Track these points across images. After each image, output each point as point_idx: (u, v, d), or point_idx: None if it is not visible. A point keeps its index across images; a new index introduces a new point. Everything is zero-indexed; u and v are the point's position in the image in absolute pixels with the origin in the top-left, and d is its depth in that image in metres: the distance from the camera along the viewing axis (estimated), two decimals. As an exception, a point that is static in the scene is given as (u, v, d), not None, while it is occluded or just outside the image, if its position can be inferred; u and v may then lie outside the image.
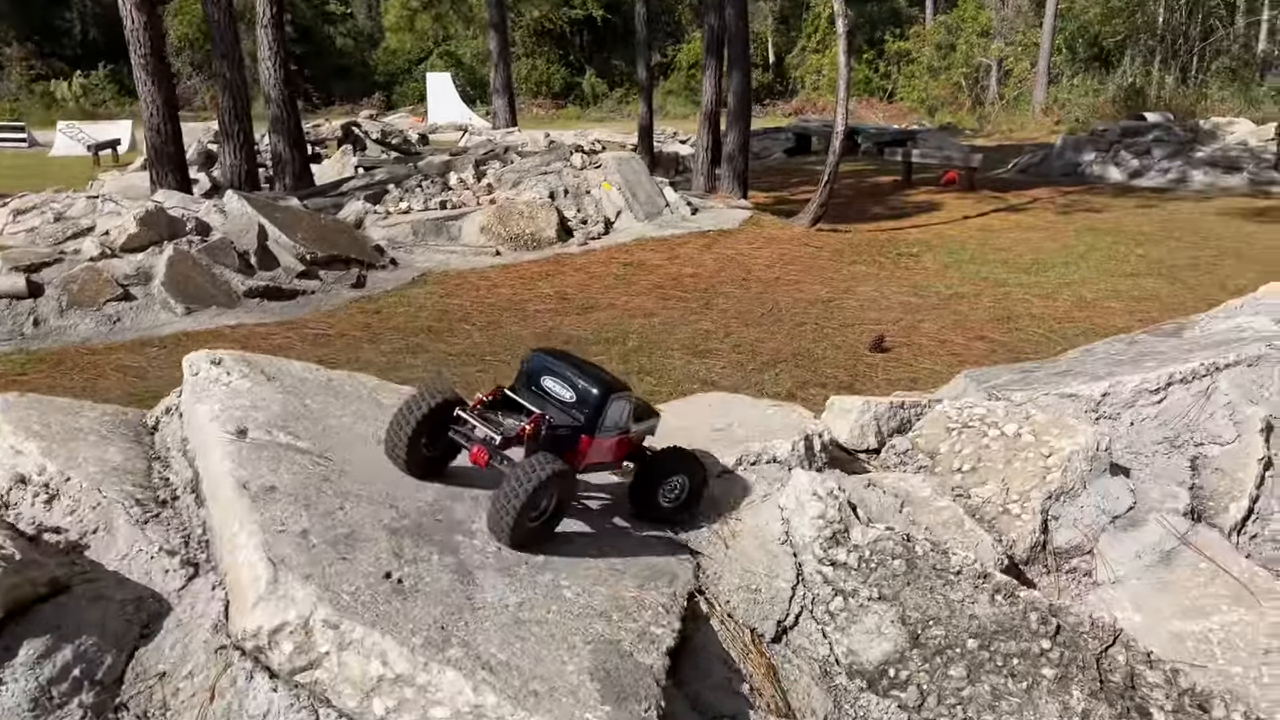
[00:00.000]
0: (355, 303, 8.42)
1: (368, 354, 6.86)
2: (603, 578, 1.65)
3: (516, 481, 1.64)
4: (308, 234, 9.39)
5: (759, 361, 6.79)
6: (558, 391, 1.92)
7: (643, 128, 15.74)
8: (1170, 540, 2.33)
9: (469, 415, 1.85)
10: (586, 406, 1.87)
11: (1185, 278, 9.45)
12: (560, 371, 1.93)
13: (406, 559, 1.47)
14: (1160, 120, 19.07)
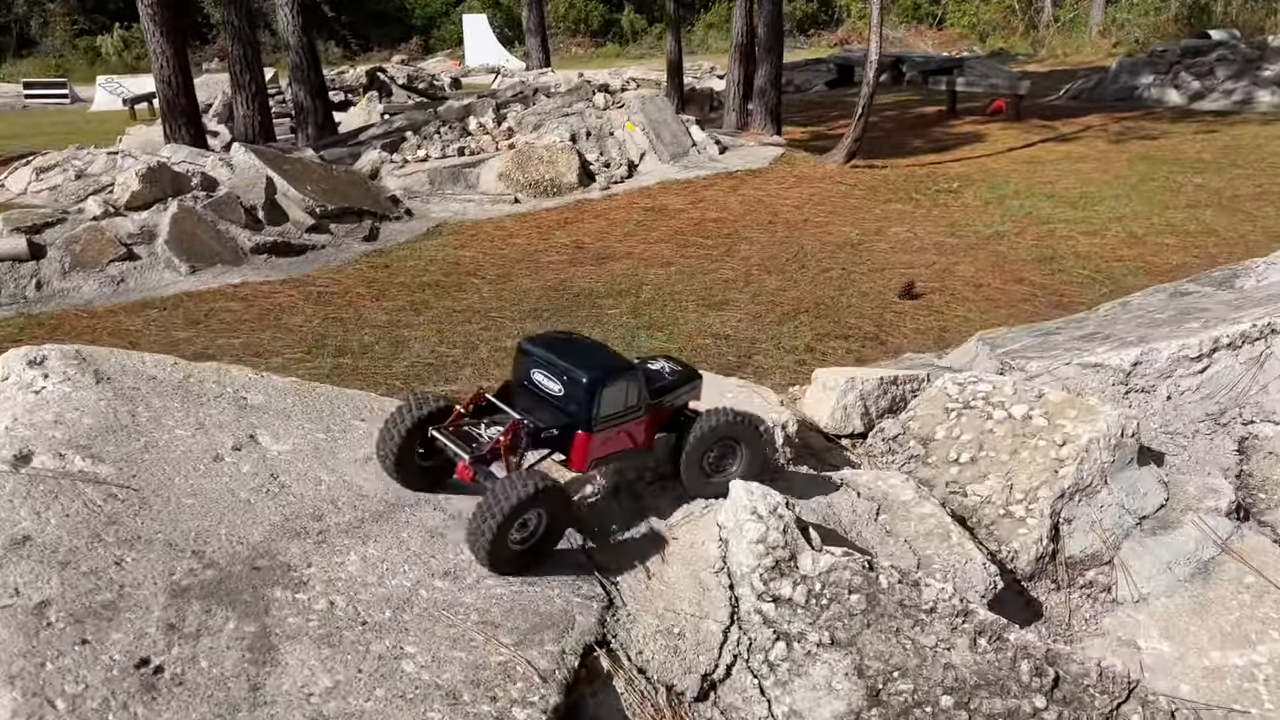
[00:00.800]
0: (365, 257, 8.14)
1: (370, 312, 6.58)
2: (466, 637, 1.32)
3: (493, 500, 1.46)
4: (318, 186, 9.10)
5: (778, 313, 6.38)
6: (547, 386, 1.70)
7: (671, 64, 15.10)
8: (1209, 547, 1.94)
9: (441, 434, 1.64)
10: (576, 400, 1.64)
11: (1248, 209, 8.77)
12: (548, 363, 1.70)
13: (185, 632, 1.15)
14: (1225, 38, 17.91)
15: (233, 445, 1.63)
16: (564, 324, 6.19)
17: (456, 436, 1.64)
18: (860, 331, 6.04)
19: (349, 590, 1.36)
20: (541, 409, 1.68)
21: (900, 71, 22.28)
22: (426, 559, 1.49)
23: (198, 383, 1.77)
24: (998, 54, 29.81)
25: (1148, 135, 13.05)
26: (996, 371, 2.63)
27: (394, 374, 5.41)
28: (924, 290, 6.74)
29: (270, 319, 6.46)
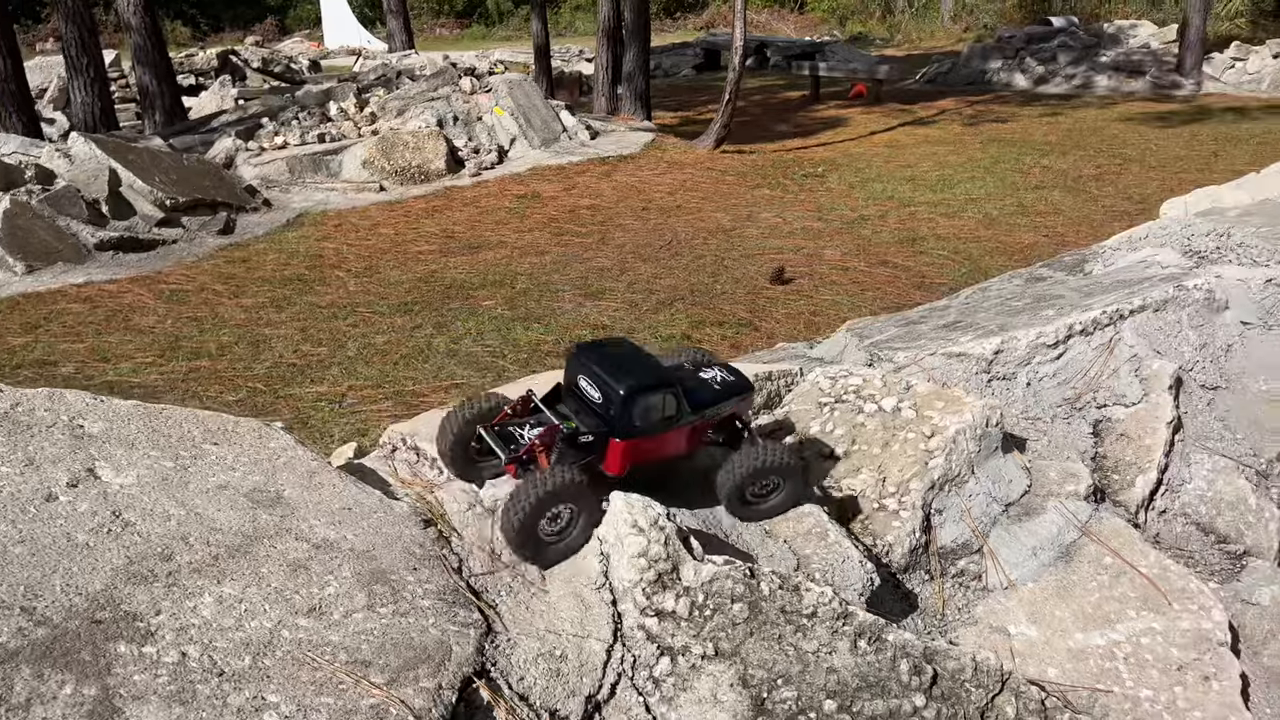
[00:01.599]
0: (222, 251, 7.76)
1: (227, 310, 6.27)
2: (334, 680, 1.24)
3: (523, 491, 1.57)
4: (168, 177, 8.61)
5: (654, 301, 6.39)
6: (590, 393, 1.77)
7: (538, 47, 14.93)
8: (1071, 531, 2.02)
9: (486, 432, 1.76)
10: (611, 407, 1.71)
11: (1090, 189, 9.27)
12: (592, 370, 1.76)
13: (12, 704, 1.04)
14: (1065, 25, 18.88)
15: (68, 482, 1.50)
16: (436, 317, 6.05)
17: (499, 436, 1.75)
18: (735, 318, 6.10)
19: (203, 638, 1.26)
20: (585, 414, 1.76)
21: (765, 56, 22.65)
22: (289, 596, 1.40)
23: (26, 411, 1.62)
24: (857, 38, 30.68)
25: (998, 119, 13.65)
26: (865, 363, 2.67)
27: (255, 376, 5.17)
28: (794, 275, 6.86)
29: (118, 320, 6.08)
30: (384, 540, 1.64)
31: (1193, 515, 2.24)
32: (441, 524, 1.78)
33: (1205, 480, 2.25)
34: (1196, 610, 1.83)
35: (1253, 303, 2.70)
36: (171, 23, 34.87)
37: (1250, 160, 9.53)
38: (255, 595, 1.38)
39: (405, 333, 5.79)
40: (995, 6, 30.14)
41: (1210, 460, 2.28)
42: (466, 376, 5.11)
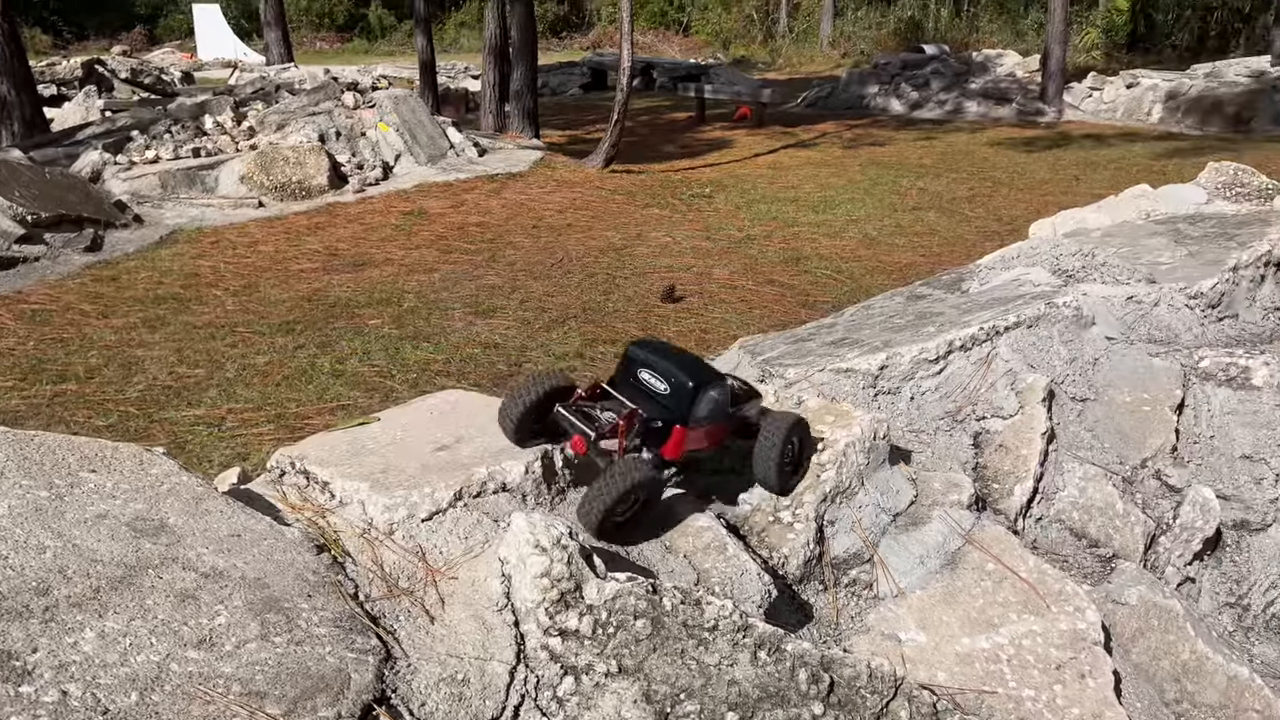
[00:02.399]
0: (89, 269, 7.39)
1: (96, 331, 5.97)
2: (227, 713, 1.19)
3: (610, 480, 1.73)
4: (29, 191, 8.16)
5: (547, 319, 6.37)
6: (653, 384, 1.96)
7: (424, 63, 14.76)
8: (955, 539, 2.10)
9: (566, 410, 1.92)
10: (679, 398, 1.91)
11: (963, 210, 9.69)
12: (655, 364, 1.97)
13: (-127, 759, 0.97)
14: (937, 52, 19.74)
15: (-71, 515, 1.41)
16: (320, 337, 5.89)
17: (577, 416, 1.91)
18: (627, 335, 6.12)
19: (85, 675, 1.20)
20: (646, 403, 1.93)
21: (651, 77, 22.94)
22: (177, 627, 1.34)
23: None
24: (740, 61, 31.39)
25: (876, 142, 14.15)
26: (758, 379, 2.73)
27: (127, 399, 4.94)
28: (684, 293, 6.95)
29: (-26, 343, 5.72)
30: (276, 567, 1.59)
31: (1067, 521, 2.35)
32: (335, 549, 1.73)
33: (1077, 488, 2.37)
34: (1072, 612, 1.93)
35: (1116, 318, 2.87)
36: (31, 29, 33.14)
37: (1109, 184, 10.12)
38: (141, 628, 1.31)
39: (287, 353, 5.62)
40: (871, 34, 31.32)
41: (1081, 468, 2.41)
42: (353, 397, 4.99)
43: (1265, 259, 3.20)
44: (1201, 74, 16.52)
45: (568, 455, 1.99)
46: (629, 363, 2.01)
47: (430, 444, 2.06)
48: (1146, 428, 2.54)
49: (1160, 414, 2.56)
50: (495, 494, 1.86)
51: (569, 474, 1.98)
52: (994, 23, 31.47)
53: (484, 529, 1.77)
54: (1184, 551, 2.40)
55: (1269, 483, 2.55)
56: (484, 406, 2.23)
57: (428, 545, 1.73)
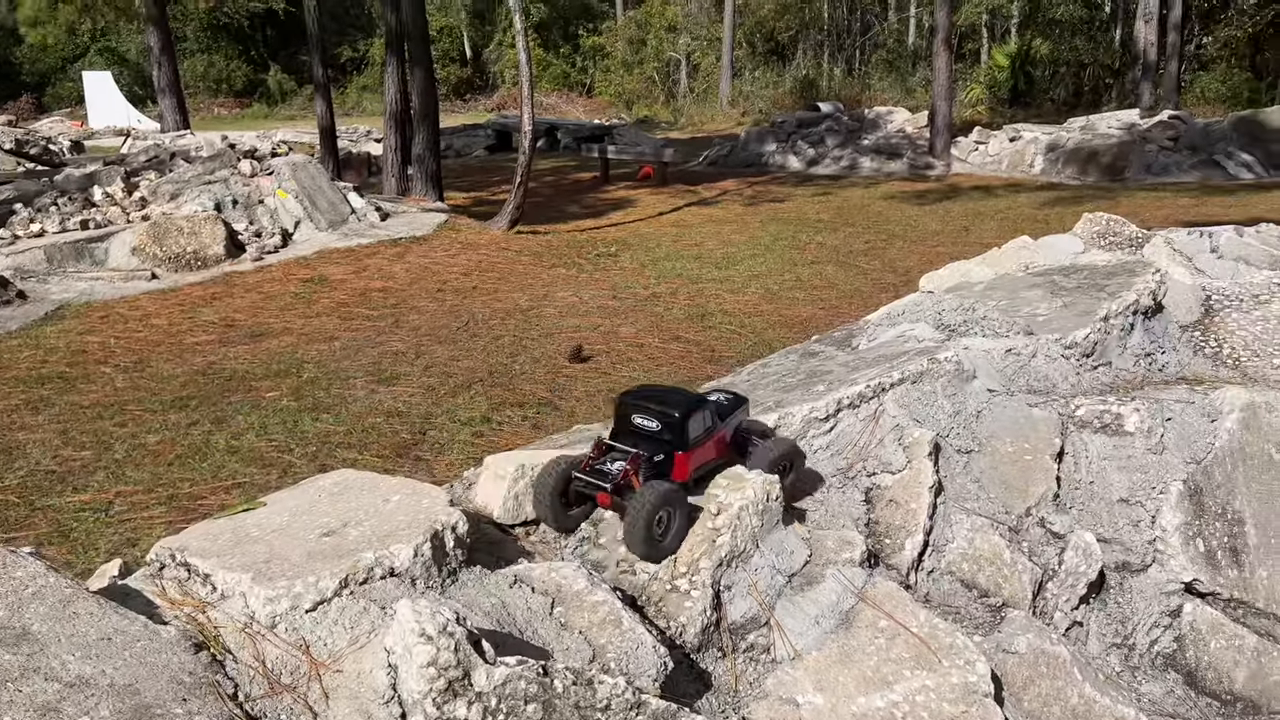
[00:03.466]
0: (-33, 349, 7.05)
1: (-26, 415, 5.68)
2: (87, 839, 1.13)
3: (634, 511, 2.02)
4: (-99, 269, 7.79)
5: (452, 384, 6.31)
6: (646, 425, 2.24)
7: (324, 129, 14.66)
8: (849, 597, 2.13)
9: (580, 476, 2.18)
10: (672, 430, 2.20)
11: (860, 263, 9.98)
12: (643, 407, 2.25)
13: None
14: (832, 110, 20.44)
15: None
16: (215, 412, 5.72)
17: (592, 476, 2.16)
18: (535, 398, 6.11)
19: (-73, 807, 1.12)
20: (646, 443, 2.21)
21: (556, 138, 23.21)
22: (35, 746, 1.27)
23: None
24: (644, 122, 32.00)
25: (776, 199, 14.52)
26: (657, 443, 2.75)
27: (6, 487, 4.70)
28: (592, 353, 6.97)
29: None
30: (149, 671, 1.52)
31: (957, 573, 2.41)
32: (215, 646, 1.67)
33: (966, 539, 2.44)
34: (963, 665, 1.97)
35: (996, 371, 2.98)
36: (-93, 98, 31.92)
37: (997, 233, 10.57)
38: (-8, 751, 1.24)
39: (180, 430, 5.44)
40: (769, 93, 32.33)
41: (969, 520, 2.47)
42: (249, 474, 4.84)
43: (1133, 308, 3.37)
44: (1077, 127, 17.46)
45: (459, 534, 1.96)
46: (621, 412, 2.29)
47: (318, 529, 2.00)
48: (1029, 477, 2.63)
49: (1041, 462, 2.65)
50: (383, 580, 1.82)
51: (460, 554, 1.95)
52: (884, 80, 32.84)
53: (371, 617, 1.73)
54: (1070, 596, 2.48)
55: (1145, 524, 2.66)
56: (375, 486, 2.19)
57: (312, 637, 1.68)
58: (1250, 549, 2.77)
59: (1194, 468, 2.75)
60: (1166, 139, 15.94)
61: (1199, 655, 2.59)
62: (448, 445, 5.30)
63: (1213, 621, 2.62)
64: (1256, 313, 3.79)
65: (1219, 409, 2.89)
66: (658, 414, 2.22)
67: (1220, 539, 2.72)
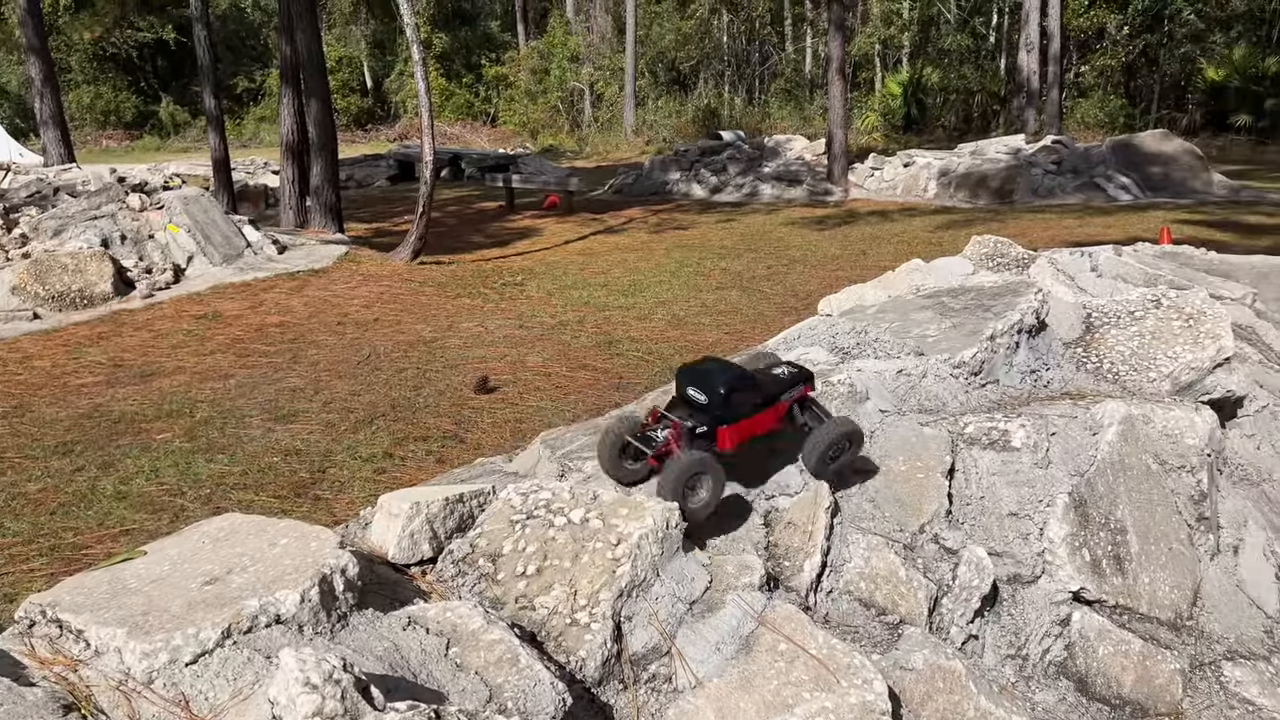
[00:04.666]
0: None
1: None
2: None
3: (665, 473, 2.24)
4: None
5: (353, 419, 6.17)
6: (697, 397, 2.41)
7: (217, 161, 14.30)
8: (749, 622, 2.13)
9: (633, 440, 2.40)
10: (716, 404, 2.37)
11: (763, 288, 10.14)
12: (695, 380, 2.43)
13: None
14: (734, 139, 20.81)
15: None
16: (101, 456, 5.48)
17: (642, 440, 2.40)
18: (440, 431, 6.01)
19: None
20: (697, 412, 2.41)
21: (460, 168, 23.07)
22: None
23: None
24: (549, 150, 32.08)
25: (680, 226, 14.68)
26: (558, 474, 2.73)
27: None
28: (499, 383, 6.90)
29: None
30: None
31: (855, 592, 2.44)
32: (86, 707, 1.58)
33: (862, 558, 2.48)
34: (861, 684, 1.99)
35: (889, 391, 3.05)
36: None
37: (893, 256, 10.87)
38: None
39: (64, 477, 5.19)
40: (672, 121, 32.77)
41: (865, 539, 2.51)
42: (139, 521, 4.64)
43: (1018, 326, 3.49)
44: (968, 152, 18.13)
45: (349, 577, 1.91)
46: (680, 384, 2.48)
47: (200, 577, 1.92)
48: (922, 494, 2.69)
49: (933, 480, 2.72)
50: (268, 628, 1.76)
51: (351, 597, 1.90)
52: (784, 109, 33.62)
53: (255, 668, 1.66)
54: (965, 610, 2.54)
55: (1034, 537, 2.74)
56: (263, 530, 2.12)
57: (192, 692, 1.61)
58: (1133, 556, 2.88)
59: (1078, 480, 2.85)
60: (1050, 163, 16.67)
61: (1088, 662, 2.68)
62: (348, 483, 5.17)
63: (1100, 628, 2.71)
64: (1133, 328, 3.97)
65: (1100, 422, 3.02)
66: (705, 388, 2.40)
67: (1105, 548, 2.83)
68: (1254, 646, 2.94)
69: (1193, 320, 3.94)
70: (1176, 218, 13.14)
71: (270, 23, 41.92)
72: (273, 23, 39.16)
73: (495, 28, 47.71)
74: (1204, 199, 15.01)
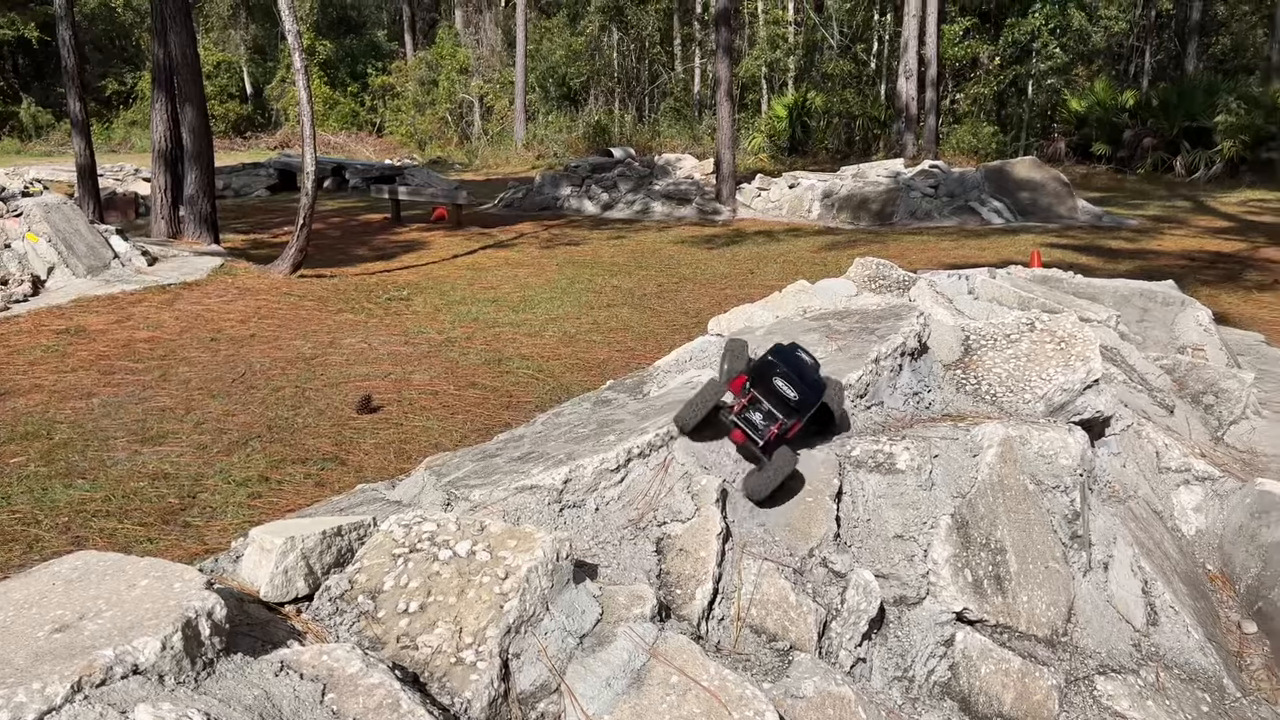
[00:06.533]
0: None
1: None
2: None
3: (776, 465, 2.51)
4: None
5: (226, 441, 5.90)
6: (785, 391, 2.57)
7: (82, 167, 13.56)
8: (640, 655, 2.09)
9: (734, 419, 2.60)
10: (805, 407, 2.59)
11: (654, 305, 10.18)
12: (788, 375, 2.59)
13: None
14: (624, 155, 20.90)
15: None
16: (-53, 484, 5.08)
17: (743, 422, 2.59)
18: (319, 453, 5.80)
19: None
20: (777, 403, 2.57)
21: (344, 178, 22.52)
22: None
23: None
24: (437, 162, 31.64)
25: (572, 242, 14.63)
26: (443, 503, 2.64)
27: None
28: (382, 402, 6.71)
29: None
30: None
31: (747, 619, 2.43)
32: (-91, 778, 1.42)
33: (753, 584, 2.47)
34: (753, 715, 1.97)
35: (779, 415, 3.06)
36: None
37: (779, 275, 11.07)
38: None
39: (-98, 506, 4.79)
40: (563, 137, 32.74)
41: (756, 565, 2.51)
42: (-14, 553, 4.31)
43: (901, 349, 3.56)
44: (850, 175, 18.66)
45: (216, 620, 1.78)
46: (763, 367, 2.63)
47: (49, 624, 1.77)
48: (811, 518, 2.70)
49: (822, 503, 2.73)
50: (125, 679, 1.62)
51: (218, 642, 1.77)
52: (673, 127, 34.01)
53: (108, 724, 1.53)
54: (853, 634, 2.55)
55: (919, 558, 2.79)
56: (120, 569, 1.97)
57: (32, 758, 1.47)
58: (1012, 575, 2.96)
59: (960, 501, 2.92)
60: (928, 187, 17.29)
61: (971, 681, 2.73)
62: (221, 509, 4.92)
63: (982, 647, 2.77)
64: (1009, 351, 4.11)
65: (980, 444, 3.09)
66: (798, 383, 2.59)
67: (986, 568, 2.89)
68: (1124, 660, 3.05)
69: (1064, 343, 4.11)
70: (1045, 241, 13.78)
71: (143, 24, 40.21)
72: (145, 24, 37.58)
73: (382, 37, 46.90)
74: (1069, 224, 15.80)
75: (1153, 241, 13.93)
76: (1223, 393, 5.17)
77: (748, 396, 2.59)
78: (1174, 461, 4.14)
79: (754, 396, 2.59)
